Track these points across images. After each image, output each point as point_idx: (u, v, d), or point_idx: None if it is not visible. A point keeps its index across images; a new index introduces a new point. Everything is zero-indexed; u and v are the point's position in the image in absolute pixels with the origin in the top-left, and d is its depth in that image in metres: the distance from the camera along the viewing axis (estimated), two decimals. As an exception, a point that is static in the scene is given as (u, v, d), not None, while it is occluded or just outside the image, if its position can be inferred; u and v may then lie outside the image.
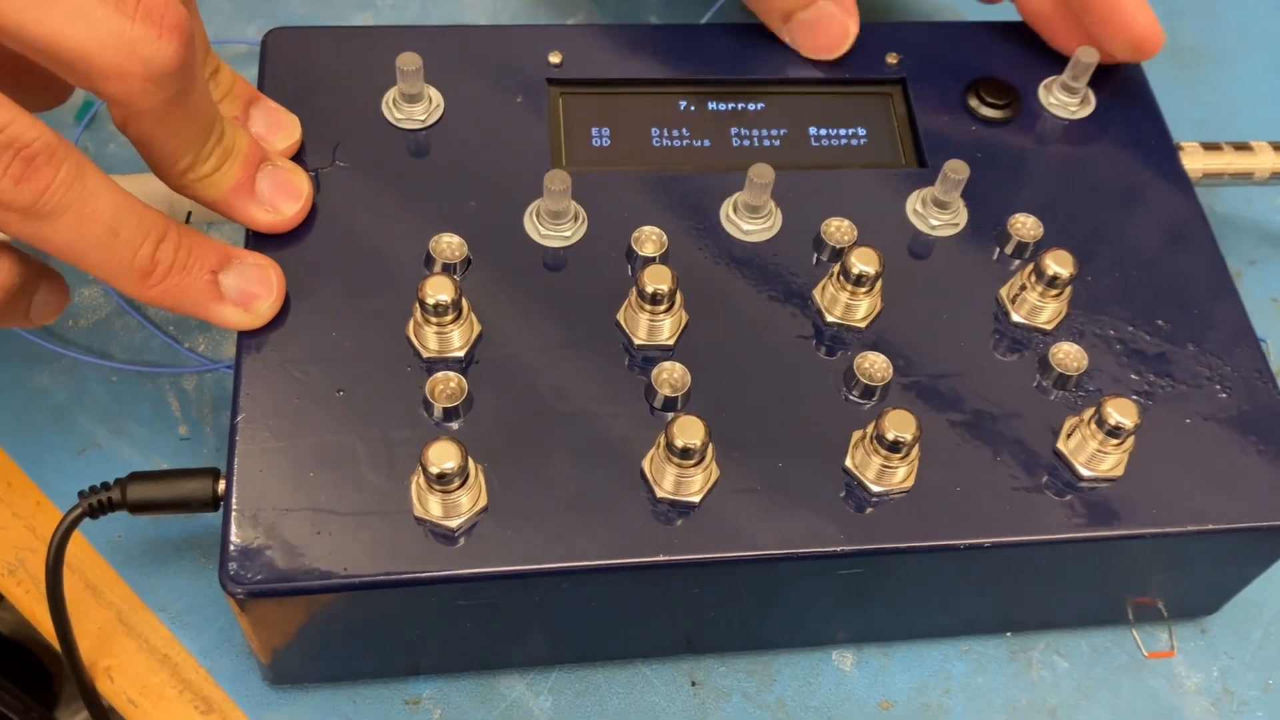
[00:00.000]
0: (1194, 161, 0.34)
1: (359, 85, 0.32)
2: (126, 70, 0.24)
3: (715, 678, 0.31)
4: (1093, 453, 0.27)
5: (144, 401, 0.33)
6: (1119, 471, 0.27)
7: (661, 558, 0.25)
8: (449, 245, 0.28)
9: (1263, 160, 0.36)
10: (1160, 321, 0.30)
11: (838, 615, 0.30)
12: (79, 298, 0.35)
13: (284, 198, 0.29)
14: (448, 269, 0.28)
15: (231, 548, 0.25)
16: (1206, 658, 0.32)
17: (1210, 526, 0.27)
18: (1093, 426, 0.27)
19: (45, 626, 0.29)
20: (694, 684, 0.30)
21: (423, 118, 0.31)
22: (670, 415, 0.27)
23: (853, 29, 0.33)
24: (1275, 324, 0.38)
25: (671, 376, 0.27)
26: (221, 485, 0.27)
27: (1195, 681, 0.32)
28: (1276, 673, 0.32)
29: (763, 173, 0.29)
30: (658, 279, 0.27)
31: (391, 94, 0.31)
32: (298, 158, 0.30)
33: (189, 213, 0.32)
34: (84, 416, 0.33)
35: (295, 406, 0.27)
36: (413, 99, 0.31)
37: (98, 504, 0.27)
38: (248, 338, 0.27)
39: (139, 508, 0.27)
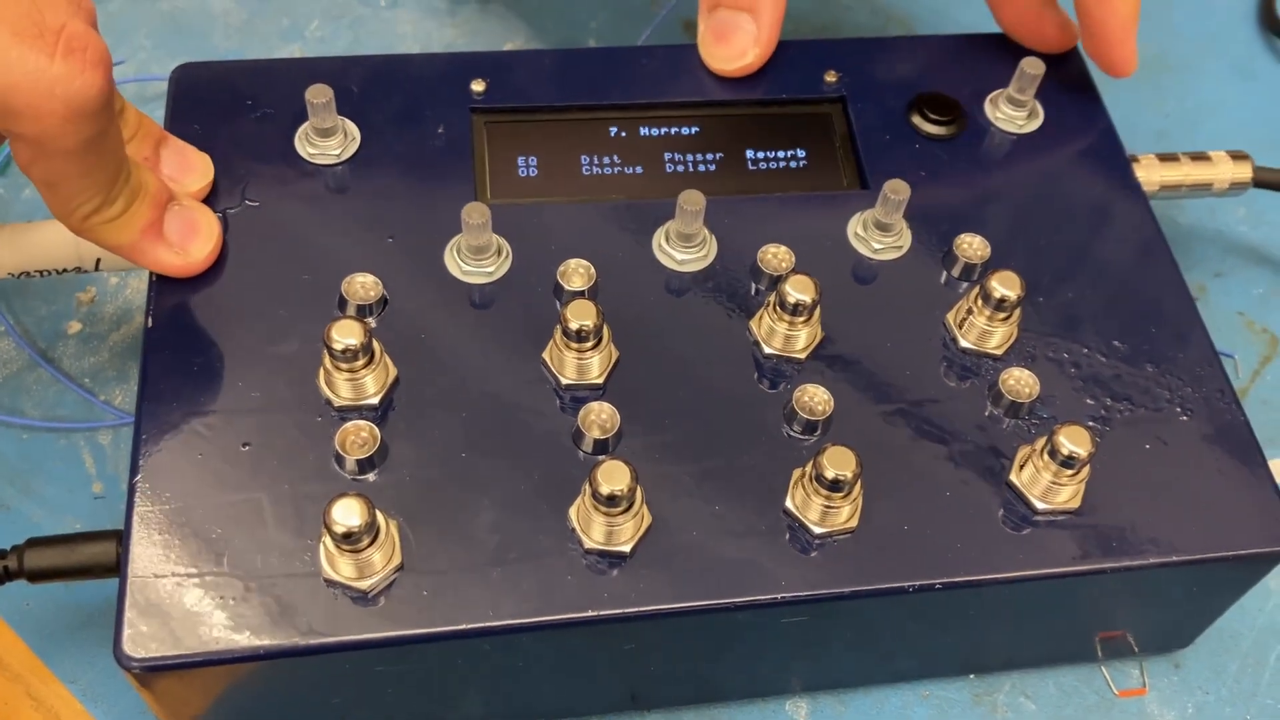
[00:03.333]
0: (1151, 174, 0.33)
1: (271, 120, 0.30)
2: (44, 110, 0.23)
3: (664, 733, 0.29)
4: (1047, 485, 0.25)
5: (57, 459, 0.32)
6: (1076, 503, 0.26)
7: (591, 614, 0.24)
8: (363, 285, 0.27)
9: (1221, 171, 0.35)
10: (1116, 342, 0.28)
11: (788, 664, 0.28)
12: (-11, 351, 0.33)
13: (193, 239, 0.27)
14: (361, 311, 0.27)
15: (126, 620, 0.23)
16: (1181, 694, 0.30)
17: (1174, 558, 0.26)
18: (1045, 457, 0.25)
19: (-55, 704, 0.28)
20: (639, 739, 0.29)
21: (337, 152, 0.29)
22: (600, 459, 0.25)
23: (753, 55, 0.32)
24: (1243, 339, 0.37)
25: (600, 418, 0.26)
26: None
27: (1171, 718, 0.30)
28: (1254, 707, 0.30)
29: (693, 199, 0.28)
30: (582, 315, 0.25)
31: (304, 128, 0.30)
32: (208, 195, 0.29)
33: (98, 259, 0.30)
34: (-8, 477, 0.31)
35: (198, 463, 0.25)
36: (326, 133, 0.29)
37: (-8, 573, 0.26)
38: (149, 391, 0.26)
39: (38, 576, 0.26)
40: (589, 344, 0.26)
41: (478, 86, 0.31)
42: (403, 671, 0.25)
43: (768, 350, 0.27)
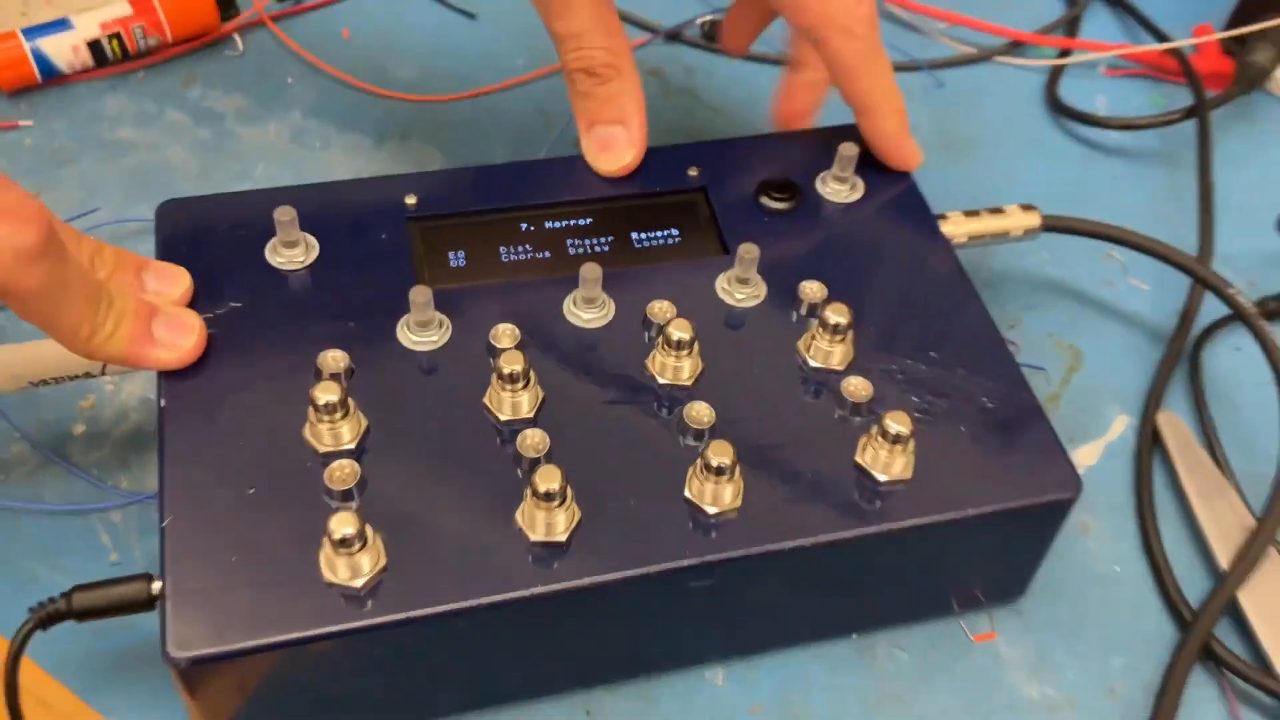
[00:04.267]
0: (956, 227, 0.42)
1: (244, 239, 0.37)
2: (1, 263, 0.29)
3: (606, 706, 0.35)
4: (884, 461, 0.33)
5: (76, 537, 0.37)
6: (908, 474, 0.33)
7: (539, 589, 0.30)
8: (334, 358, 0.34)
9: (1014, 220, 0.43)
10: (932, 354, 0.36)
11: (703, 634, 0.35)
12: (9, 454, 0.39)
13: (180, 335, 0.34)
14: (334, 377, 0.33)
15: (170, 626, 0.29)
16: (1024, 634, 0.38)
17: (988, 509, 0.33)
18: (879, 439, 0.33)
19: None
20: (588, 714, 0.35)
21: (301, 259, 0.37)
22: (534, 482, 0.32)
23: (630, 156, 0.40)
24: (1053, 355, 0.45)
25: (534, 441, 0.32)
26: (155, 586, 0.31)
27: (1017, 655, 0.37)
28: (1080, 639, 0.38)
29: (592, 270, 0.35)
30: (513, 361, 0.33)
31: (273, 243, 0.37)
32: (196, 304, 0.35)
33: (103, 365, 0.37)
34: (22, 556, 0.37)
35: (214, 506, 0.31)
36: (291, 245, 0.36)
37: (47, 616, 0.31)
38: (168, 454, 0.32)
39: (84, 614, 0.31)
40: (520, 384, 0.33)
41: (410, 200, 0.39)
42: (393, 656, 0.31)
43: (661, 381, 0.35)
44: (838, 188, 0.40)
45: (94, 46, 0.50)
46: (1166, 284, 0.47)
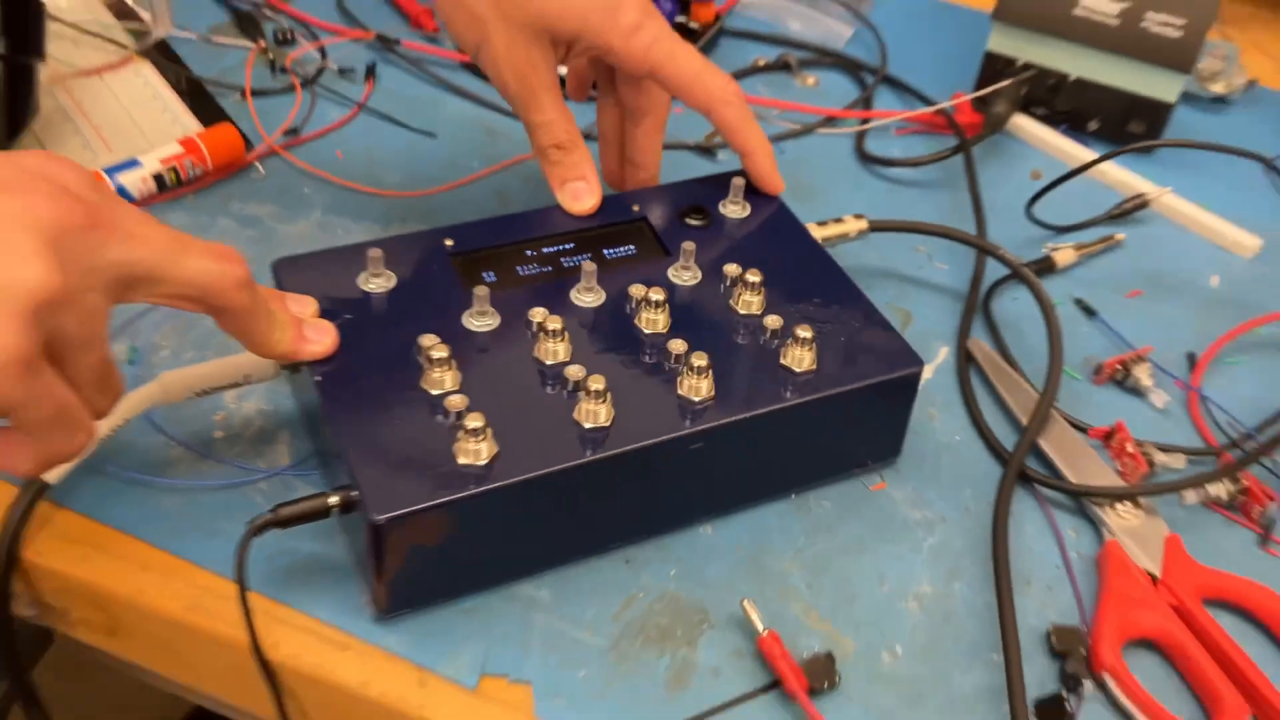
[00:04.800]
0: (816, 232, 0.61)
1: (339, 276, 0.53)
2: (226, 289, 0.44)
3: (638, 556, 0.51)
4: (797, 358, 0.51)
5: (237, 504, 0.51)
6: (815, 366, 0.51)
7: (598, 455, 0.46)
8: (429, 339, 0.50)
9: (851, 225, 0.63)
10: (815, 300, 0.55)
11: (695, 497, 0.51)
12: (170, 456, 0.53)
13: (323, 335, 0.49)
14: (431, 352, 0.50)
15: (366, 495, 0.44)
16: (904, 482, 0.56)
17: (867, 382, 0.51)
18: (793, 345, 0.51)
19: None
20: (627, 562, 0.51)
21: (386, 285, 0.53)
22: (581, 396, 0.48)
23: (593, 201, 0.58)
24: (892, 316, 0.64)
25: (574, 371, 0.49)
26: (332, 499, 0.46)
27: (901, 495, 0.55)
28: (941, 481, 0.56)
29: (589, 266, 0.53)
30: (553, 321, 0.50)
31: (364, 275, 0.53)
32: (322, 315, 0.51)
33: (246, 375, 0.52)
34: (205, 518, 0.51)
35: (370, 430, 0.47)
36: (378, 275, 0.53)
37: (262, 524, 0.46)
38: (326, 399, 0.47)
39: (286, 522, 0.46)
40: (559, 338, 0.50)
41: (449, 243, 0.55)
42: (501, 517, 0.46)
43: (647, 331, 0.52)
44: (734, 208, 0.59)
45: (157, 178, 0.65)
46: (959, 264, 0.68)
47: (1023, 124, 0.78)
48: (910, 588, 0.52)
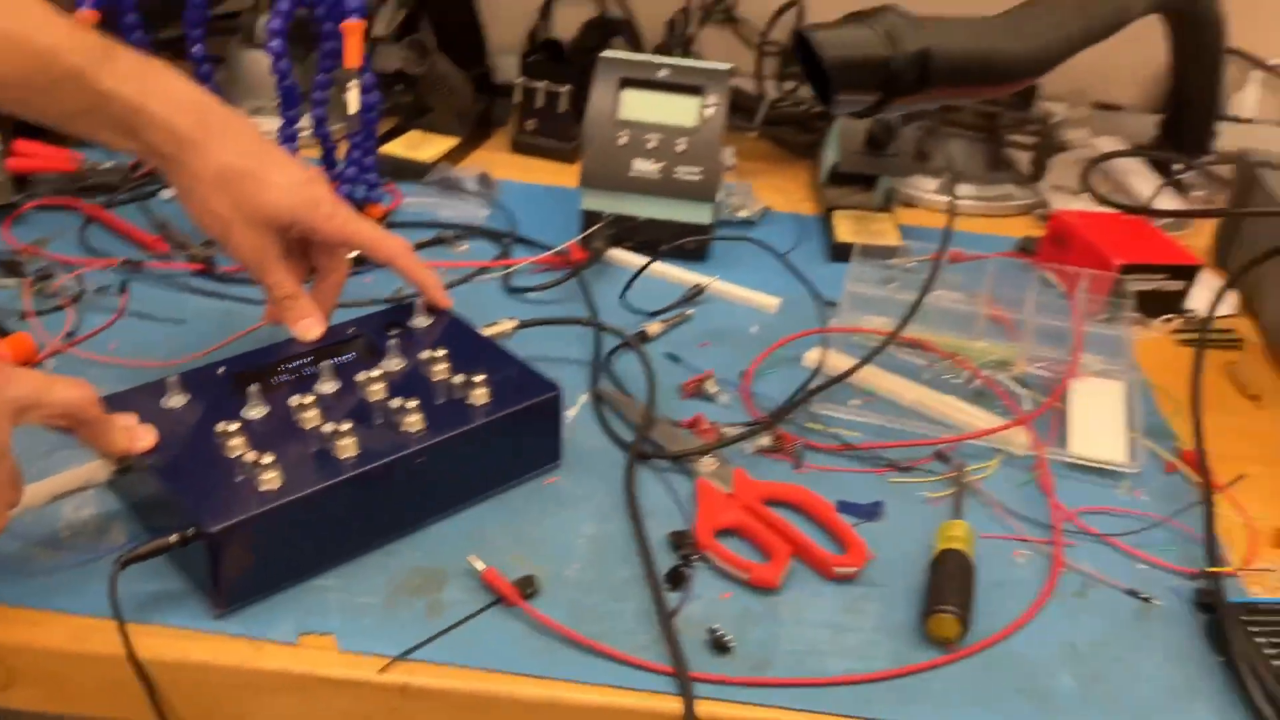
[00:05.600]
0: (484, 333, 0.88)
1: (151, 400, 0.75)
2: (84, 406, 0.66)
3: (394, 548, 0.74)
4: (477, 396, 0.77)
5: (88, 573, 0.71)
6: (489, 400, 0.77)
7: (360, 470, 0.70)
8: (223, 425, 0.72)
9: (505, 325, 0.91)
10: (485, 364, 0.81)
11: (425, 502, 0.75)
12: (30, 554, 0.71)
13: (147, 433, 0.71)
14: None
15: (201, 514, 0.65)
16: (568, 473, 0.82)
17: (525, 404, 0.78)
18: (471, 389, 0.77)
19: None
20: (387, 554, 0.74)
21: (184, 401, 0.75)
22: (335, 438, 0.72)
23: (320, 330, 0.83)
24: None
25: (334, 424, 0.73)
26: (174, 538, 0.67)
27: (568, 483, 0.81)
28: (590, 471, 0.83)
29: (325, 365, 0.77)
30: (307, 398, 0.74)
31: (165, 397, 0.75)
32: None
33: (86, 481, 0.72)
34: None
35: (189, 472, 0.68)
36: (176, 396, 0.75)
37: (126, 559, 0.66)
38: (158, 466, 0.69)
39: (145, 556, 0.66)
40: (314, 409, 0.74)
41: (221, 370, 0.78)
42: (301, 521, 0.69)
43: (374, 399, 0.77)
44: (420, 320, 0.86)
45: (-30, 378, 0.84)
46: (587, 344, 0.97)
47: (615, 253, 1.11)
48: (580, 532, 0.78)
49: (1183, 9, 1.14)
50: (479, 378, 0.78)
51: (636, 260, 1.09)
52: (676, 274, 1.08)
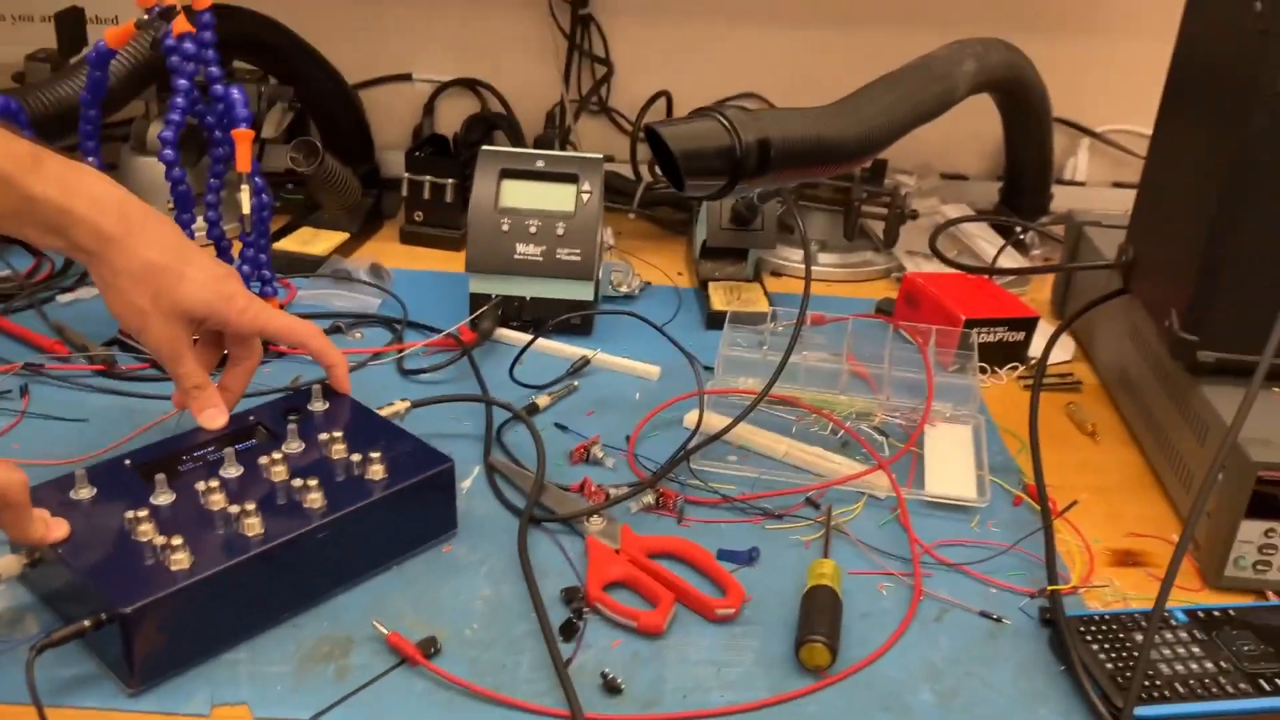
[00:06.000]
0: (380, 413, 0.94)
1: (60, 493, 0.79)
2: (15, 490, 0.70)
3: (301, 620, 0.78)
4: (374, 472, 0.82)
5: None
6: (385, 475, 0.83)
7: (265, 546, 0.75)
8: (132, 513, 0.76)
9: (399, 406, 0.97)
10: (381, 443, 0.87)
11: (329, 574, 0.80)
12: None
13: (60, 524, 0.75)
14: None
15: (114, 595, 0.69)
16: (464, 541, 0.87)
17: (421, 476, 0.83)
18: (371, 466, 0.82)
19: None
20: (294, 625, 0.78)
21: (92, 493, 0.79)
22: (241, 518, 0.76)
23: (224, 419, 0.88)
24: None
25: (239, 506, 0.78)
26: (88, 622, 0.70)
27: (463, 550, 0.87)
28: (483, 535, 0.88)
29: (229, 451, 0.82)
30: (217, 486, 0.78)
31: (74, 489, 0.79)
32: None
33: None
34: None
35: (100, 557, 0.72)
36: (83, 489, 0.79)
37: (42, 645, 0.69)
38: (66, 552, 0.72)
39: (59, 641, 0.69)
40: (220, 493, 0.78)
41: (128, 461, 0.82)
42: (211, 598, 0.73)
43: (277, 480, 0.81)
44: (318, 404, 0.91)
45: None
46: (479, 419, 1.03)
47: (503, 332, 1.17)
48: (477, 594, 0.83)
49: (1006, 86, 1.26)
50: (376, 454, 0.83)
51: (523, 338, 1.16)
52: (562, 348, 1.15)
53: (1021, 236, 1.41)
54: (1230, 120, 0.88)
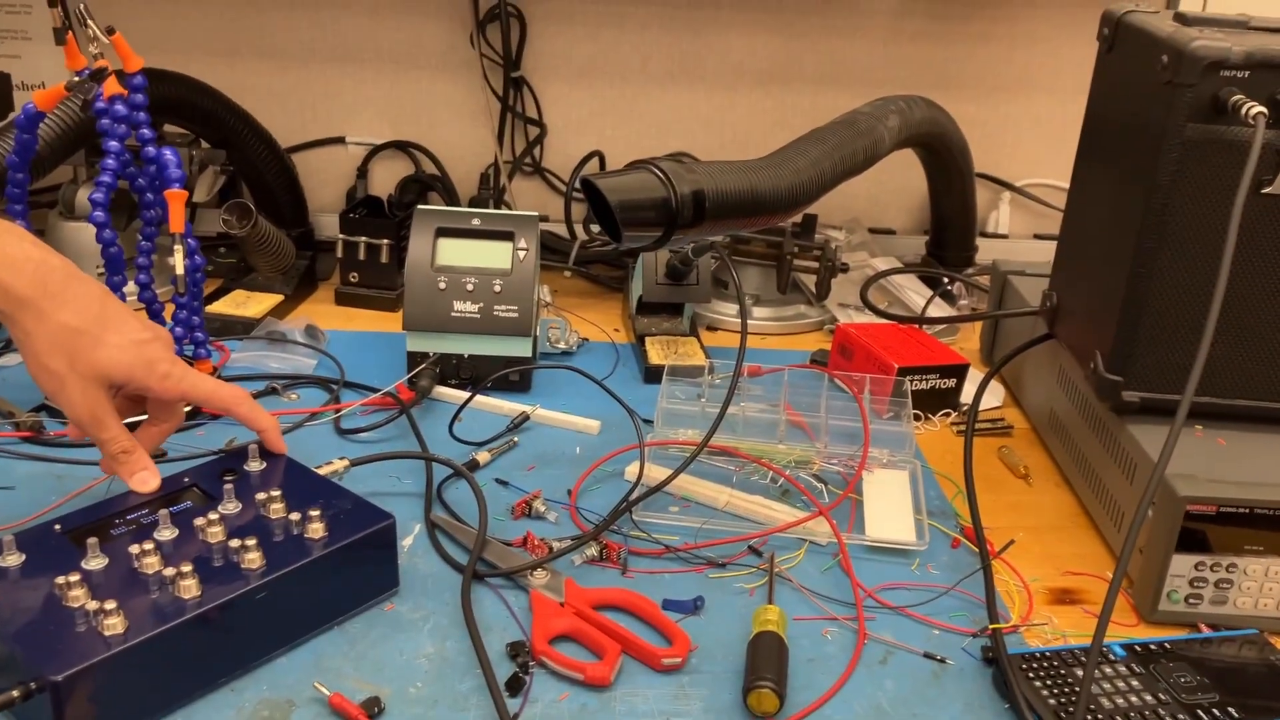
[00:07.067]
0: (319, 472, 0.93)
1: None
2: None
3: (239, 684, 0.77)
4: (315, 529, 0.81)
5: (-69, 735, 0.71)
6: (326, 534, 0.81)
7: (205, 608, 0.73)
8: (63, 579, 0.74)
9: (338, 465, 0.96)
10: (320, 501, 0.86)
11: (268, 636, 0.78)
12: None
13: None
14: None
15: (44, 664, 0.67)
16: (406, 599, 0.86)
17: (363, 533, 0.82)
18: (311, 525, 0.81)
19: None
20: (232, 690, 0.76)
21: (20, 560, 0.77)
22: (177, 580, 0.75)
23: (156, 482, 0.86)
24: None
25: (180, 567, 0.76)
26: (15, 692, 0.68)
27: (406, 608, 0.85)
28: (430, 595, 0.87)
29: (163, 513, 0.80)
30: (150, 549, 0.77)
31: (1, 556, 0.76)
32: None
33: None
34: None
35: (35, 621, 0.70)
36: (11, 555, 0.77)
37: (-32, 716, 0.66)
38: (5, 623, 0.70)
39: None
40: (155, 555, 0.76)
41: (58, 526, 0.80)
42: (146, 663, 0.71)
43: (213, 542, 0.80)
44: (254, 464, 0.90)
45: None
46: (419, 477, 1.02)
47: (441, 390, 1.17)
48: (421, 651, 0.82)
49: (929, 142, 1.30)
50: (315, 513, 0.82)
51: (462, 395, 1.15)
52: (501, 405, 1.15)
53: (949, 287, 1.45)
54: (1141, 168, 0.92)
